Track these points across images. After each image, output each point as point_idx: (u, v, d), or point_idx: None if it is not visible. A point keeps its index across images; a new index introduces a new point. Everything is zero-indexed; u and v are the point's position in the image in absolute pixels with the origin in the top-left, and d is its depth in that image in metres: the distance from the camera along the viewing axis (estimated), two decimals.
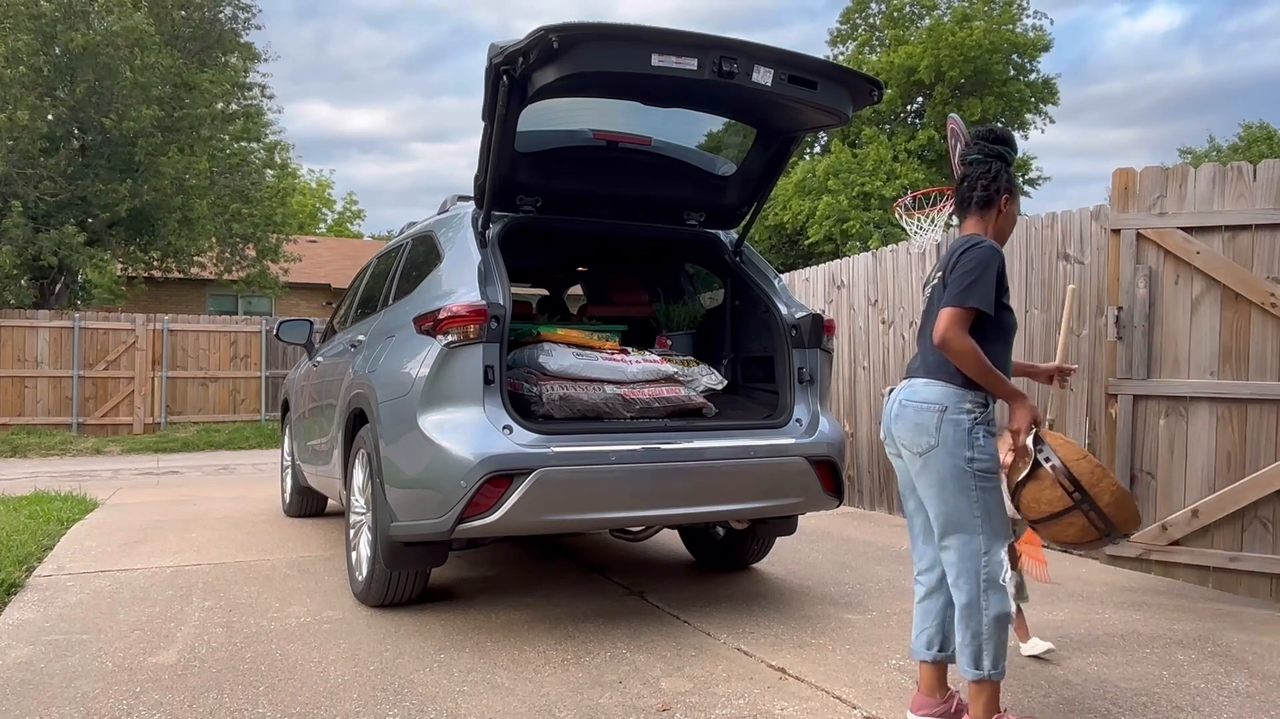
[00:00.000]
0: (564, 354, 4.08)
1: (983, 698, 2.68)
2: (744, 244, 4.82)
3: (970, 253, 2.70)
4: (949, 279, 2.71)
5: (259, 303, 22.07)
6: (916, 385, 2.79)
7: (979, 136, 2.91)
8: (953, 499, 2.68)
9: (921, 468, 2.73)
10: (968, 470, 2.66)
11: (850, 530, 6.44)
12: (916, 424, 2.72)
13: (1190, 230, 4.72)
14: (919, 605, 2.91)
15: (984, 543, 2.67)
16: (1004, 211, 2.87)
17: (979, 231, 2.85)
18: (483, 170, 3.92)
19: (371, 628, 3.93)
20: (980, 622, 2.65)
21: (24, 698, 3.12)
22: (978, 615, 2.66)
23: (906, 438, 2.76)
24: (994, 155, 2.86)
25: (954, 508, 2.68)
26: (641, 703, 3.06)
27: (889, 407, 2.88)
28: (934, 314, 2.77)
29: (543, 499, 3.58)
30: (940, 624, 2.85)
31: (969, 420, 2.68)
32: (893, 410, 2.84)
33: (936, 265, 2.90)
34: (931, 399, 2.72)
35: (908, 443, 2.76)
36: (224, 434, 15.24)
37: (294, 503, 6.95)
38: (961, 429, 2.67)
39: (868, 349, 7.56)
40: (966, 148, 2.93)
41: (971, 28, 24.60)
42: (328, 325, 6.57)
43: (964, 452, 2.66)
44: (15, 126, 13.91)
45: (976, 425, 2.68)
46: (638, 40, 3.41)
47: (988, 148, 2.87)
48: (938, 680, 2.85)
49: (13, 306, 15.37)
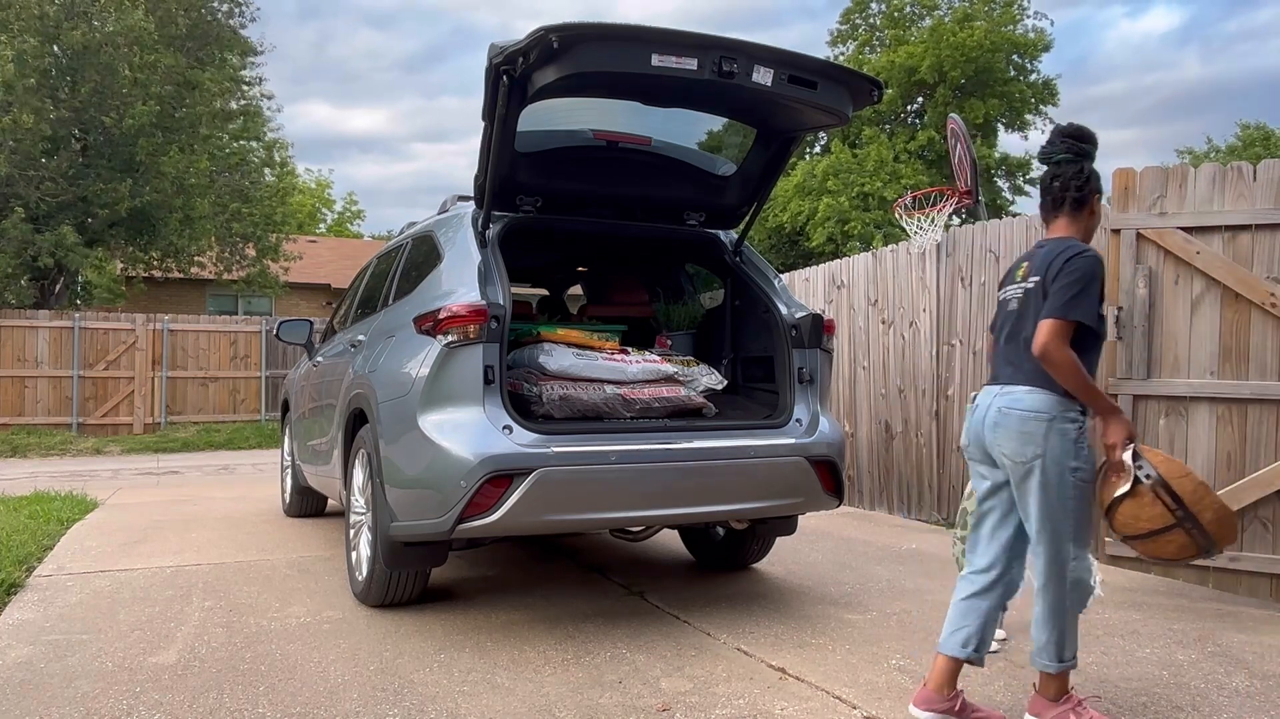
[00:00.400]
0: (564, 354, 4.08)
1: (1056, 682, 2.77)
2: (744, 244, 4.82)
3: (1075, 262, 2.67)
4: (1050, 287, 2.68)
5: (259, 303, 22.07)
6: (1018, 393, 2.75)
7: (1065, 135, 2.87)
8: (1053, 507, 2.69)
9: (1024, 476, 2.72)
10: (1071, 480, 2.68)
11: (850, 530, 6.44)
12: (1022, 433, 2.71)
13: (1190, 230, 4.72)
14: (962, 602, 2.90)
15: (1073, 549, 2.72)
16: (1095, 212, 2.86)
17: (1071, 234, 2.82)
18: (483, 170, 3.92)
19: (371, 628, 3.93)
20: (1064, 620, 2.73)
21: (24, 698, 3.12)
22: (1062, 616, 2.73)
23: (1010, 447, 2.74)
24: (1082, 154, 2.84)
25: (1053, 515, 2.69)
26: (641, 703, 3.06)
27: (981, 414, 2.85)
28: (1027, 319, 2.76)
29: (543, 499, 3.58)
30: (982, 626, 2.85)
31: (1074, 430, 2.69)
32: (989, 418, 2.81)
33: (1025, 267, 2.85)
34: (1039, 408, 2.70)
35: (1010, 452, 2.74)
36: (224, 434, 15.24)
37: (294, 503, 6.95)
38: (1068, 439, 2.68)
39: (868, 349, 7.56)
40: (1051, 146, 2.89)
41: (973, 28, 24.60)
42: (328, 325, 6.57)
43: (1070, 461, 2.68)
44: (19, 129, 13.92)
45: (1081, 435, 2.70)
46: (638, 40, 3.41)
47: (1076, 146, 2.84)
48: (950, 677, 2.86)
49: (13, 306, 15.37)
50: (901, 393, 7.16)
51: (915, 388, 7.01)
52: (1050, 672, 2.77)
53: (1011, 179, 27.30)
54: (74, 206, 15.08)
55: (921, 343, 6.95)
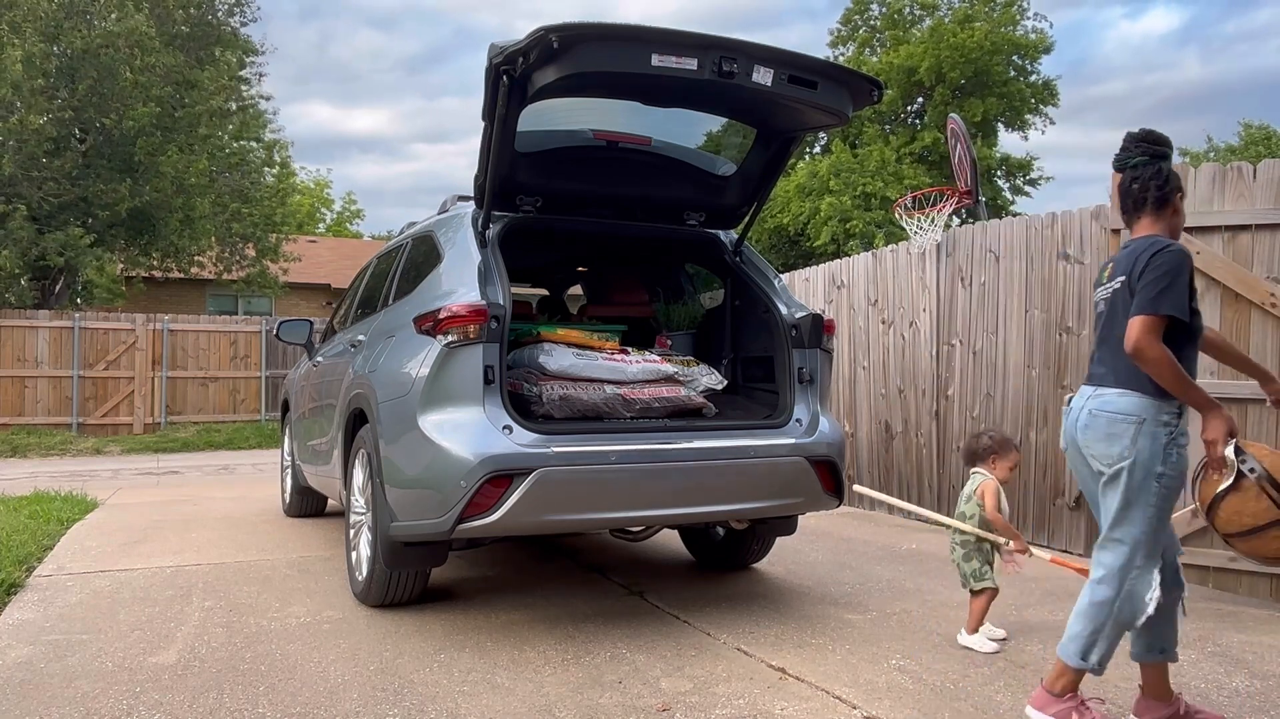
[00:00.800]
0: (564, 354, 4.07)
1: (1067, 678, 2.76)
2: (744, 244, 4.82)
3: (1160, 257, 2.65)
4: (1136, 285, 2.67)
5: (259, 303, 22.07)
6: (1109, 395, 2.74)
7: (1139, 140, 2.88)
8: (1132, 510, 2.68)
9: (1110, 478, 2.71)
10: (1155, 487, 2.66)
11: (850, 530, 6.44)
12: (1110, 435, 2.70)
13: (1190, 230, 4.71)
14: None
15: (1141, 559, 2.69)
16: (1178, 210, 2.86)
17: (1156, 232, 2.81)
18: (483, 170, 3.92)
19: (371, 628, 3.93)
20: (1106, 622, 2.70)
21: (24, 698, 3.12)
22: (1106, 616, 2.70)
23: (1097, 448, 2.73)
24: (1158, 155, 2.84)
25: (1129, 518, 2.68)
26: (641, 703, 3.06)
27: (1074, 416, 2.84)
28: (1116, 319, 2.75)
29: (543, 499, 3.58)
30: (1149, 625, 2.83)
31: (1165, 435, 2.66)
32: (1079, 420, 2.80)
33: (1110, 268, 2.85)
34: (1128, 410, 2.68)
35: (1097, 453, 2.73)
36: (224, 434, 15.24)
37: (294, 503, 6.95)
38: (1158, 443, 2.66)
39: (868, 349, 7.56)
40: (1126, 152, 2.90)
41: (973, 29, 24.60)
42: (328, 325, 6.57)
43: (1156, 466, 2.66)
44: (25, 130, 13.93)
45: (1172, 440, 2.67)
46: (638, 40, 3.41)
47: (1151, 148, 2.84)
48: (1161, 682, 2.85)
49: (13, 306, 15.36)
50: (901, 393, 7.16)
51: (915, 388, 7.01)
52: (1067, 664, 2.75)
53: (1011, 179, 27.30)
54: (75, 207, 15.07)
55: (921, 343, 6.95)
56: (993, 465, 3.86)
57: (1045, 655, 3.58)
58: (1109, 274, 2.85)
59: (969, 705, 3.05)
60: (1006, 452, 3.87)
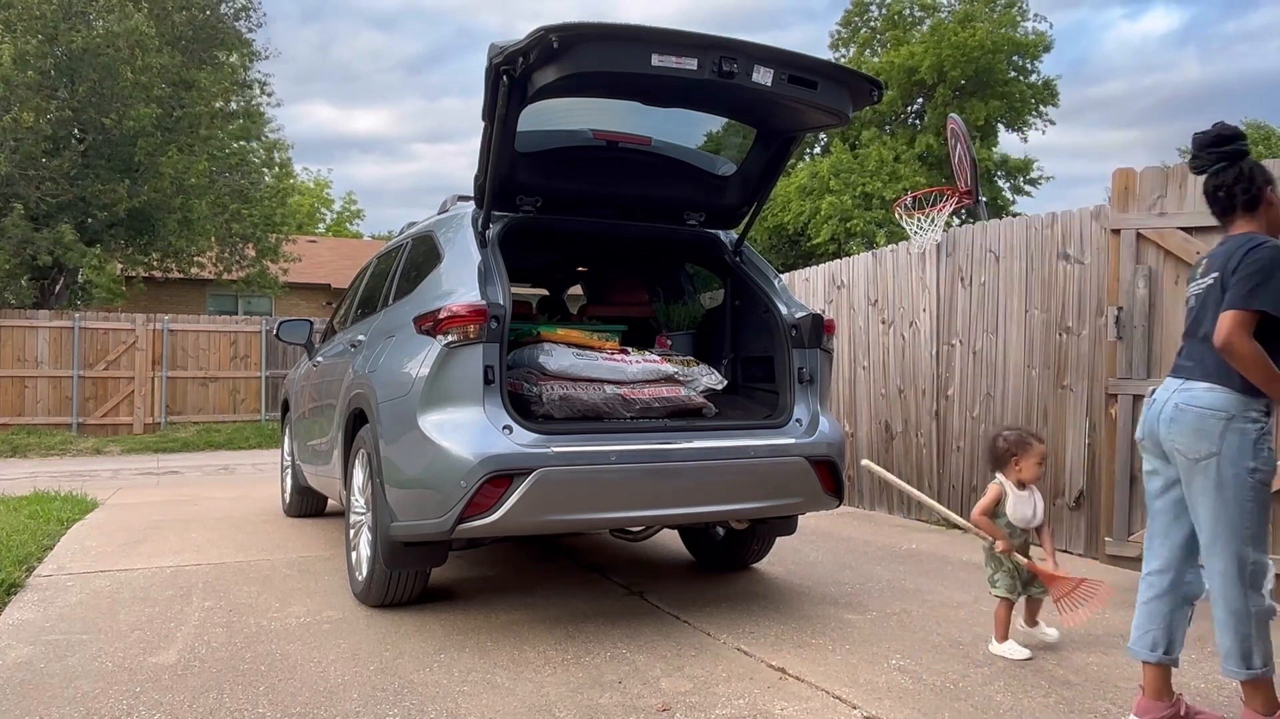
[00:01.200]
0: (564, 354, 4.07)
1: (1260, 694, 2.71)
2: (744, 244, 4.82)
3: (1255, 253, 2.63)
4: (1229, 281, 2.65)
5: (259, 303, 22.07)
6: (1196, 390, 2.72)
7: (1208, 145, 2.85)
8: (1229, 508, 2.65)
9: (1198, 474, 2.69)
10: (1249, 481, 2.64)
11: (850, 530, 6.44)
12: (1198, 430, 2.68)
13: (1190, 230, 4.72)
14: (1144, 605, 2.89)
15: (1251, 552, 2.67)
16: (1273, 201, 2.83)
17: (1253, 229, 2.78)
18: (483, 170, 3.92)
19: (371, 628, 3.93)
20: (1248, 624, 2.67)
21: (24, 698, 3.12)
22: (1245, 619, 2.67)
23: (1184, 443, 2.71)
24: (1235, 155, 2.83)
25: (1227, 516, 2.66)
26: (641, 703, 3.06)
27: (1158, 409, 2.81)
28: (1206, 315, 2.73)
29: (543, 499, 3.58)
30: (1167, 627, 2.83)
31: (1255, 430, 2.65)
32: (1165, 413, 2.77)
33: (1205, 264, 2.84)
34: (1216, 405, 2.66)
35: (1184, 448, 2.71)
36: (224, 434, 15.24)
37: (294, 503, 6.95)
38: (1247, 439, 2.64)
39: (868, 349, 7.56)
40: (1199, 159, 2.87)
41: (973, 29, 24.60)
42: (328, 325, 6.57)
43: (1247, 461, 2.64)
44: (20, 128, 13.91)
45: (1262, 435, 2.65)
46: (638, 40, 3.41)
47: (1225, 151, 2.83)
48: (1163, 683, 2.84)
49: (13, 306, 15.36)
50: (901, 393, 7.16)
51: (915, 388, 7.01)
52: (1242, 679, 2.71)
53: (1012, 179, 27.30)
54: (73, 206, 15.07)
55: (921, 343, 6.95)
56: (1017, 468, 3.71)
57: (1045, 655, 3.58)
58: (1203, 270, 2.84)
59: (969, 705, 3.05)
60: (1027, 449, 3.71)
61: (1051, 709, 3.03)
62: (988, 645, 3.67)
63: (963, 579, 4.91)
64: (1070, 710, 3.02)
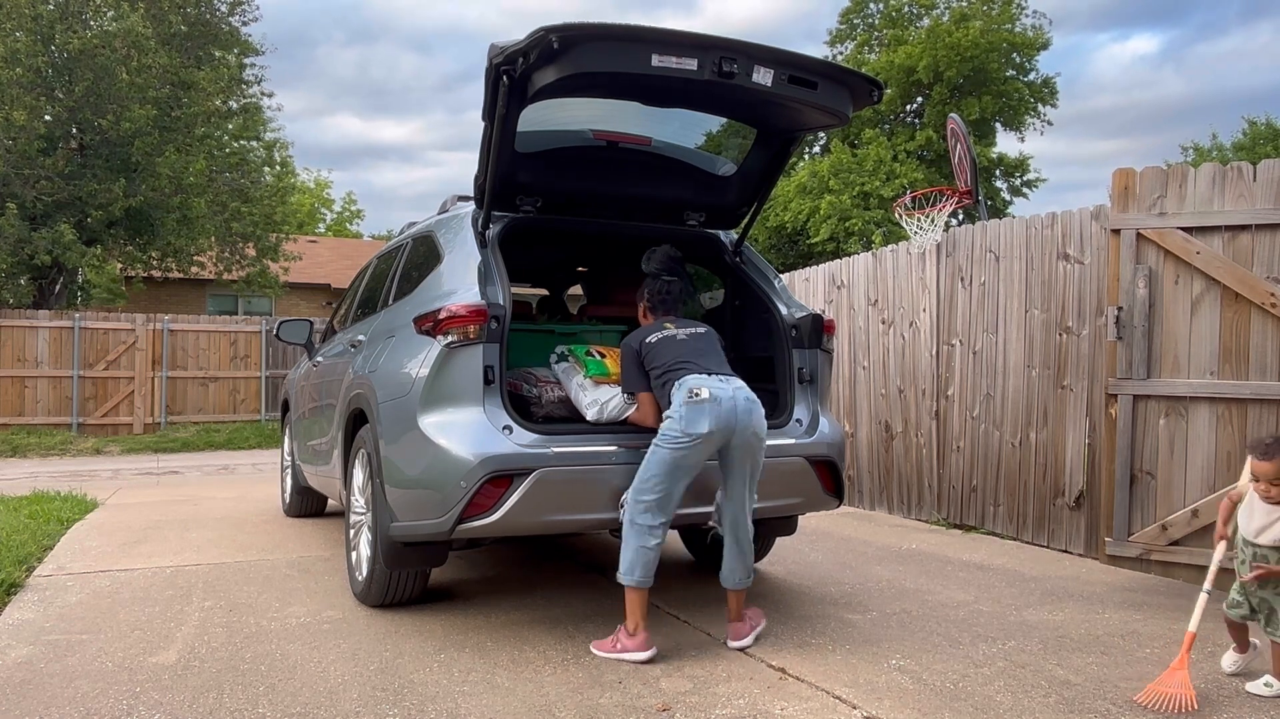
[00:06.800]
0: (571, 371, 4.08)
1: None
2: (744, 244, 4.82)
3: None
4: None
5: (259, 303, 22.07)
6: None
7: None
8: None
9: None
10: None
11: (850, 530, 6.44)
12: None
13: (1190, 230, 4.72)
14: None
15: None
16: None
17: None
18: (483, 170, 3.92)
19: (371, 628, 3.93)
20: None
21: (24, 698, 3.12)
22: None
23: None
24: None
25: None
26: (641, 703, 3.06)
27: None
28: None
29: (543, 499, 3.58)
30: None
31: None
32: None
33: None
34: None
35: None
36: (224, 434, 15.24)
37: (294, 503, 6.95)
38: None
39: (868, 349, 7.56)
40: None
41: (969, 27, 24.59)
42: (328, 325, 6.57)
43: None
44: (12, 127, 13.91)
45: None
46: (638, 40, 3.41)
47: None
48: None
49: (12, 306, 15.35)
50: (901, 393, 7.16)
51: (915, 388, 7.01)
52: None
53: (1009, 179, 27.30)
54: (71, 206, 15.06)
55: (921, 343, 6.95)
56: (1253, 474, 3.27)
57: (1045, 655, 3.58)
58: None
59: (969, 705, 3.05)
60: (1256, 457, 3.24)
61: (1051, 709, 3.03)
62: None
63: (963, 579, 4.91)
64: (1070, 710, 3.02)
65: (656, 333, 3.76)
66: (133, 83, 14.79)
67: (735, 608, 3.73)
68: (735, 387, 3.58)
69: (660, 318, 3.93)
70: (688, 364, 3.63)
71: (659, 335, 3.74)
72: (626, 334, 4.73)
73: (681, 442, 3.44)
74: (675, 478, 3.52)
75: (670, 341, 3.72)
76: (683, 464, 3.50)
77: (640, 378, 3.72)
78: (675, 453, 3.46)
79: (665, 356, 3.68)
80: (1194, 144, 35.94)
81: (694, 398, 3.47)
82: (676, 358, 3.66)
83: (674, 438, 3.46)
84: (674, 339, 3.73)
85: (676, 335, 3.75)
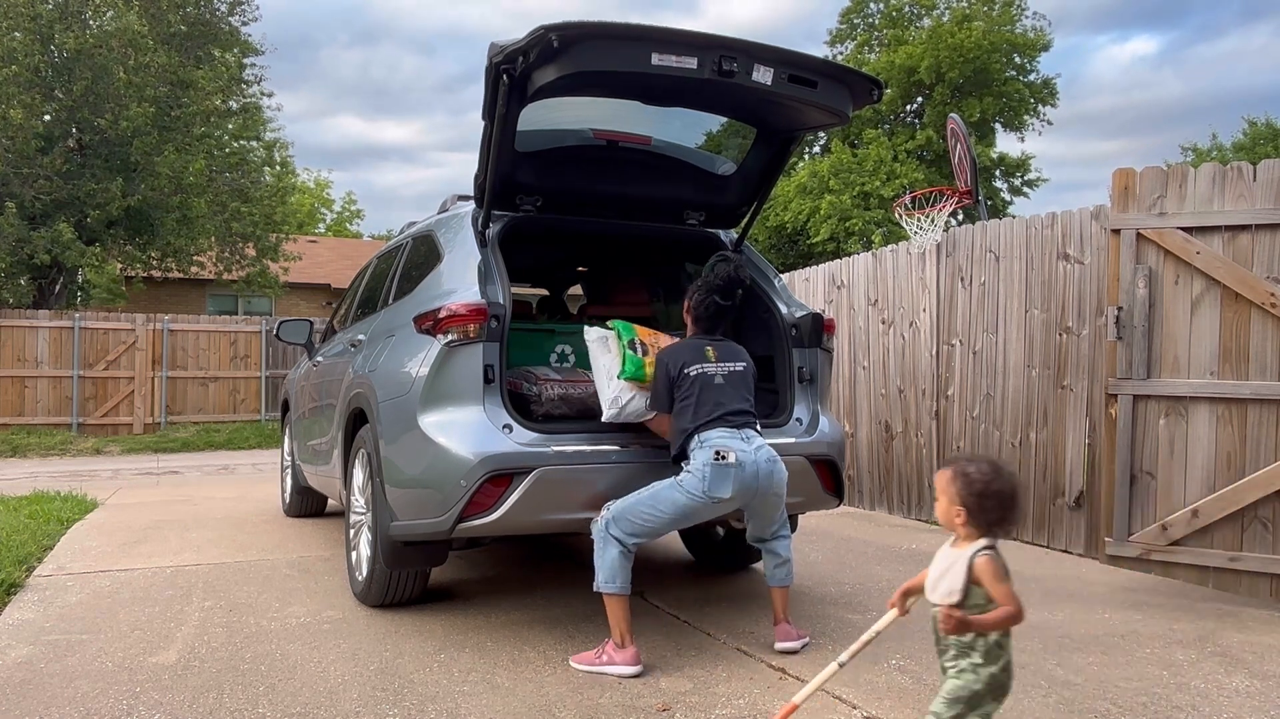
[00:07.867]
0: None
1: None
2: (744, 243, 4.82)
3: None
4: None
5: (259, 303, 22.06)
6: None
7: None
8: None
9: None
10: None
11: (850, 530, 6.44)
12: None
13: (1190, 230, 4.72)
14: None
15: None
16: None
17: None
18: (483, 170, 3.91)
19: (371, 628, 3.93)
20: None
21: (24, 698, 3.12)
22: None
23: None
24: None
25: None
26: (641, 703, 3.06)
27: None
28: None
29: (543, 498, 3.58)
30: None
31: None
32: None
33: None
34: None
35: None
36: (224, 434, 15.24)
37: (294, 503, 6.95)
38: None
39: (868, 349, 7.56)
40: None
41: (971, 28, 24.60)
42: (328, 325, 6.57)
43: None
44: (10, 126, 13.90)
45: None
46: (637, 39, 3.41)
47: None
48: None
49: (12, 306, 15.35)
50: (901, 393, 7.16)
51: (915, 388, 7.01)
52: None
53: (1009, 179, 27.30)
54: (70, 205, 15.06)
55: (921, 343, 6.95)
56: None
57: (1045, 656, 3.58)
58: None
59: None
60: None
61: (1051, 709, 3.03)
62: None
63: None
64: (1070, 710, 3.02)
65: (696, 365, 3.59)
66: (131, 82, 14.78)
67: (780, 607, 3.70)
68: (756, 446, 3.49)
69: (701, 334, 3.80)
70: (716, 416, 3.51)
71: (697, 370, 3.58)
72: None
73: (701, 500, 3.43)
74: (680, 522, 3.54)
75: (707, 383, 3.57)
76: (694, 515, 3.50)
77: (670, 400, 3.60)
78: (692, 505, 3.44)
79: (696, 394, 3.55)
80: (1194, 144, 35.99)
81: (720, 460, 3.41)
82: (707, 403, 3.53)
83: (695, 494, 3.42)
84: (711, 382, 3.57)
85: (714, 378, 3.59)
